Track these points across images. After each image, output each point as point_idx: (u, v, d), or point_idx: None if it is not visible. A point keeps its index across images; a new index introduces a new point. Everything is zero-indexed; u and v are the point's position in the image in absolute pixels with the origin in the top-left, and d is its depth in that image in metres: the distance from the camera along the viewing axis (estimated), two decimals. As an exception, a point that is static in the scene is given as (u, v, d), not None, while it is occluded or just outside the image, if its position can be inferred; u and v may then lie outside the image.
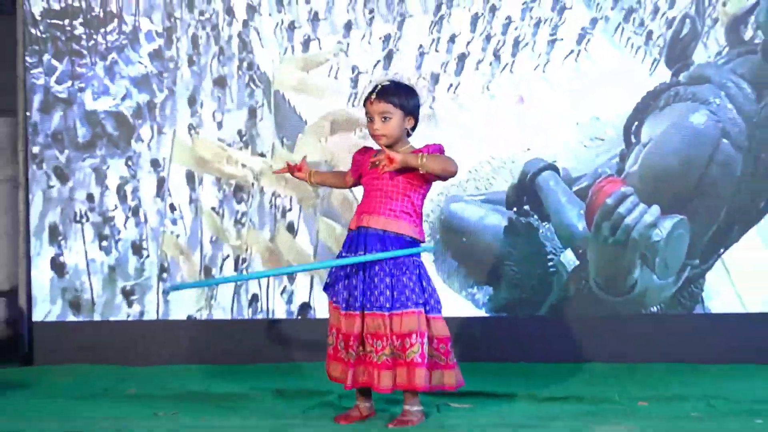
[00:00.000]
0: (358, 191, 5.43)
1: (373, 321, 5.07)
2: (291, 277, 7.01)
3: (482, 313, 6.97)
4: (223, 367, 6.82)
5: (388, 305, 5.06)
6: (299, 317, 7.07)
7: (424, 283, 5.14)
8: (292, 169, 5.54)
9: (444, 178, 5.21)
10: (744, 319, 6.88)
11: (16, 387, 6.36)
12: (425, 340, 5.07)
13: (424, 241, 5.24)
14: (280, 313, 7.09)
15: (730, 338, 6.84)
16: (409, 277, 5.11)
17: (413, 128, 5.22)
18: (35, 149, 7.09)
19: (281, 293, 7.05)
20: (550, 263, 6.94)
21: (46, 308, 7.11)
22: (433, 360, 5.11)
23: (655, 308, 6.94)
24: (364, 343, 5.11)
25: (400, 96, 5.16)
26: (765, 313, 6.87)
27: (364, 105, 5.23)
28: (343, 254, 5.20)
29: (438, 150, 5.11)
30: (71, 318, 7.10)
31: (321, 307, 6.99)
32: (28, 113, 7.11)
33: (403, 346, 5.05)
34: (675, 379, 6.31)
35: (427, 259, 6.65)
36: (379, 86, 5.18)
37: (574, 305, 6.96)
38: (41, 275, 7.12)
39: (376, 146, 5.32)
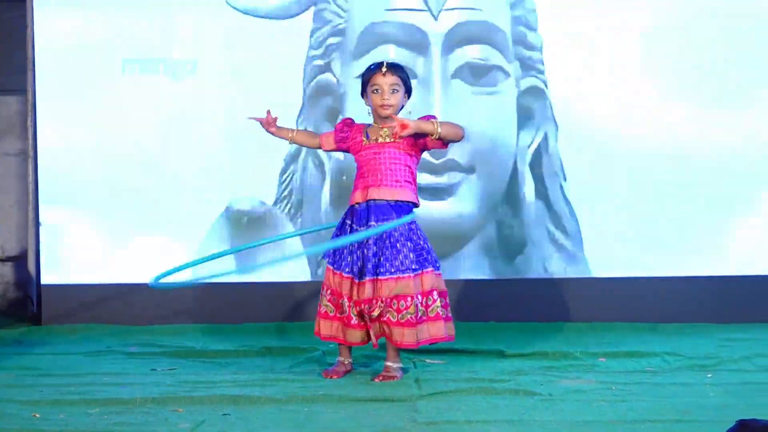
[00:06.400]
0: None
1: (397, 283, 5.00)
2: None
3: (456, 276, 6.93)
4: (215, 326, 6.77)
5: (413, 266, 5.03)
6: (285, 282, 6.99)
7: (428, 245, 5.16)
8: (263, 121, 5.29)
9: (447, 143, 5.16)
10: (695, 282, 6.89)
11: (25, 345, 6.32)
12: (442, 297, 5.16)
13: (419, 205, 5.24)
14: (268, 278, 6.97)
15: (683, 300, 6.84)
16: (422, 239, 5.13)
17: (402, 107, 5.20)
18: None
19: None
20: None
21: (52, 272, 7.04)
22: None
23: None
24: (379, 305, 5.03)
25: (404, 73, 5.17)
26: (712, 276, 6.87)
27: (369, 78, 5.10)
28: (354, 227, 5.09)
29: (433, 119, 5.08)
30: (76, 281, 7.02)
31: (304, 273, 6.96)
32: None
33: (427, 303, 5.08)
34: (632, 337, 6.32)
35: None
36: (388, 61, 5.16)
37: (541, 270, 6.94)
38: (48, 241, 7.04)
39: (358, 121, 5.32)
